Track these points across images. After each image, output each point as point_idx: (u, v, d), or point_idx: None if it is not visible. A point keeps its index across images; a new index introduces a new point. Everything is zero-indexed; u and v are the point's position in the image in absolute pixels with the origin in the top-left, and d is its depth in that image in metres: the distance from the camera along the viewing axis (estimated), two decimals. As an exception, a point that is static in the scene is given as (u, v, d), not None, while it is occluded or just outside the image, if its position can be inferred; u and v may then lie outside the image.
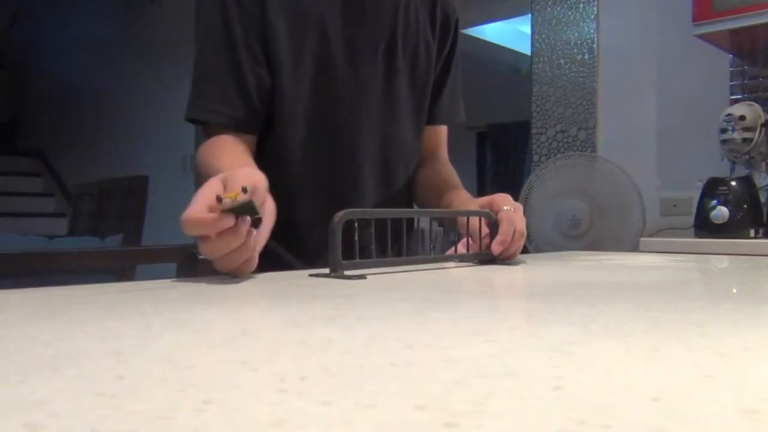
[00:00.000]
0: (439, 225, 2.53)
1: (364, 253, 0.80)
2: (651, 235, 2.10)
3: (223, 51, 0.99)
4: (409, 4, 1.12)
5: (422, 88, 1.16)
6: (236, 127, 1.01)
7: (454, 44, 1.21)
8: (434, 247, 2.42)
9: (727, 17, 1.95)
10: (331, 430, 0.21)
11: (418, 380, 0.27)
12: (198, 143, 5.17)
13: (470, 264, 0.91)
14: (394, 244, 0.82)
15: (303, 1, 1.03)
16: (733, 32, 2.01)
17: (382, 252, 0.81)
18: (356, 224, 0.75)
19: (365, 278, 0.70)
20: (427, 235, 2.76)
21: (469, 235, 0.91)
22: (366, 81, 1.08)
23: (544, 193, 2.41)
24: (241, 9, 0.99)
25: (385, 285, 0.66)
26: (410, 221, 1.14)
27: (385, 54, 1.09)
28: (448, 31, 1.19)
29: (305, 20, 1.03)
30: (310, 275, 0.73)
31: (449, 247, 0.92)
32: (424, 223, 2.75)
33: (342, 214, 0.73)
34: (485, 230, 0.93)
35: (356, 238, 0.75)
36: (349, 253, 0.74)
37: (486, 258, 0.93)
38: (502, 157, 7.94)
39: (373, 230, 0.84)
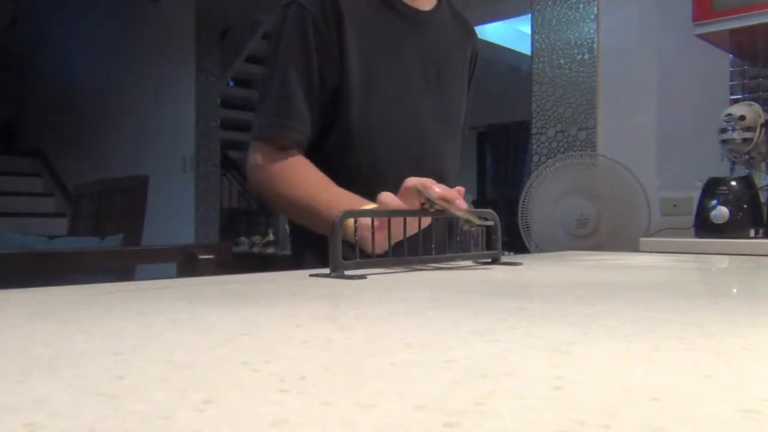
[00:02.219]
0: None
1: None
2: (651, 235, 2.10)
3: (302, 75, 1.06)
4: (448, 39, 1.23)
5: (458, 111, 1.26)
6: (302, 147, 1.08)
7: (473, 73, 1.35)
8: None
9: (727, 17, 1.95)
10: (331, 430, 0.21)
11: (418, 380, 0.27)
12: (199, 145, 5.15)
13: (471, 264, 0.91)
14: (401, 245, 0.83)
15: (376, 30, 1.11)
16: (733, 32, 2.01)
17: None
18: (356, 224, 0.76)
19: (365, 278, 0.71)
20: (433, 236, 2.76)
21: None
22: (428, 105, 1.17)
23: (547, 193, 2.41)
24: (319, 37, 1.06)
25: (386, 285, 0.66)
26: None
27: (434, 80, 1.18)
28: (473, 66, 1.34)
29: (378, 49, 1.11)
30: (311, 275, 0.73)
31: (453, 247, 0.92)
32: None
33: (342, 214, 0.73)
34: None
35: (356, 237, 0.75)
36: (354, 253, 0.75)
37: (486, 258, 0.93)
38: (503, 156, 7.94)
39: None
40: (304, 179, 1.06)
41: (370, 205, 0.92)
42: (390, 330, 0.39)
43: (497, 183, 7.95)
